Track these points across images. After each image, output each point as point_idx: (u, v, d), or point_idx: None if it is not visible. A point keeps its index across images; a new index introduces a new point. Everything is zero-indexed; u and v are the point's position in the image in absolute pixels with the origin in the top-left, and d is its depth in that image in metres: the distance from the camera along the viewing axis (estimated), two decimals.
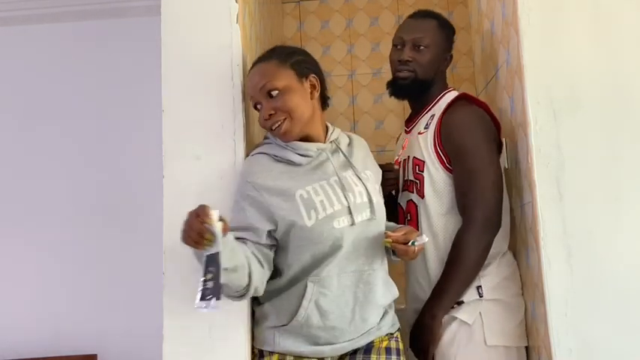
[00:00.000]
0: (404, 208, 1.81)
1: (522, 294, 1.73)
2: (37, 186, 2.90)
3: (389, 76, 1.92)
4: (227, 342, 1.51)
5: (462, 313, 1.63)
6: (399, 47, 1.79)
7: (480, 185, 1.62)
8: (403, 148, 1.88)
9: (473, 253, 1.61)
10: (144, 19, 2.85)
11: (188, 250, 1.59)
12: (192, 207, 1.43)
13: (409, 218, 1.76)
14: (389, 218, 1.63)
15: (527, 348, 1.71)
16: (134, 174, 2.85)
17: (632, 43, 1.58)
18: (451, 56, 1.84)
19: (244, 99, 1.64)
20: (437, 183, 1.68)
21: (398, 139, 2.06)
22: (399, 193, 1.87)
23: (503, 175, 1.84)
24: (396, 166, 1.83)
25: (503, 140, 1.83)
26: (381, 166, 1.76)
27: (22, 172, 2.91)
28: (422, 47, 1.74)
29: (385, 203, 1.69)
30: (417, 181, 1.72)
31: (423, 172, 1.70)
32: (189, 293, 1.54)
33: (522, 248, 1.73)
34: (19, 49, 3.00)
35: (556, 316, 1.48)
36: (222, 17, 1.65)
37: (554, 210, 1.52)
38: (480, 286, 1.64)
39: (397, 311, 1.77)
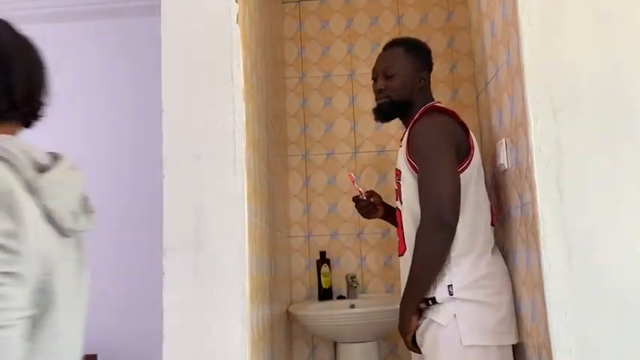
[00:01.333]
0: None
1: (513, 291, 1.77)
2: None
3: None
4: (226, 342, 1.51)
5: (437, 315, 1.71)
6: (375, 79, 1.99)
7: (431, 185, 1.71)
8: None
9: (425, 249, 1.70)
10: (144, 19, 2.85)
11: (188, 250, 1.58)
12: (192, 207, 1.44)
13: (397, 224, 1.90)
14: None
15: (518, 345, 1.71)
16: (134, 173, 2.86)
17: (632, 43, 1.58)
18: (427, 74, 1.96)
19: (244, 99, 1.64)
20: (409, 189, 1.80)
21: None
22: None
23: (502, 175, 1.85)
24: (361, 196, 2.07)
25: (503, 141, 1.84)
26: (354, 198, 2.10)
27: None
28: (391, 75, 1.92)
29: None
30: (398, 189, 1.88)
31: (400, 180, 1.85)
32: (189, 293, 1.55)
33: (522, 248, 1.73)
34: None
35: (556, 316, 1.48)
36: (222, 17, 1.65)
37: (554, 210, 1.52)
38: (451, 285, 1.70)
39: (394, 312, 1.80)
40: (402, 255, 1.83)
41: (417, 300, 1.72)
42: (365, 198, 2.07)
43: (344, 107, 2.82)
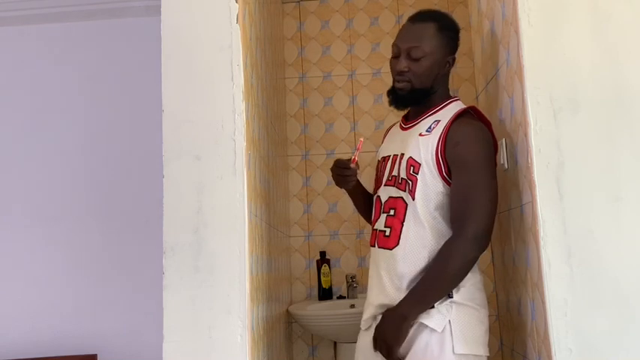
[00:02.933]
0: (382, 201, 1.77)
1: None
2: (38, 185, 2.90)
3: (389, 77, 1.91)
4: (226, 342, 1.51)
5: (430, 320, 1.60)
6: (396, 56, 1.77)
7: (479, 200, 1.60)
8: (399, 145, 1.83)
9: (457, 264, 1.58)
10: (144, 19, 2.85)
11: (188, 250, 1.58)
12: (192, 207, 1.44)
13: (392, 214, 1.71)
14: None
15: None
16: (134, 174, 2.86)
17: (632, 43, 1.58)
18: (454, 59, 1.78)
19: (244, 99, 1.64)
20: (428, 187, 1.66)
21: (387, 132, 2.01)
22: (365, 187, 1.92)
23: (502, 175, 1.85)
24: (353, 165, 1.79)
25: (503, 141, 1.84)
26: (339, 161, 1.80)
27: (22, 170, 2.91)
28: (417, 58, 1.71)
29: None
30: (410, 182, 1.69)
31: (417, 174, 1.67)
32: (189, 293, 1.55)
33: (522, 248, 1.73)
34: (19, 49, 3.00)
35: (556, 316, 1.48)
36: (222, 17, 1.65)
37: (554, 210, 1.52)
38: None
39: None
40: (391, 249, 1.68)
41: (424, 310, 1.60)
42: (354, 166, 1.81)
43: (344, 107, 2.82)
